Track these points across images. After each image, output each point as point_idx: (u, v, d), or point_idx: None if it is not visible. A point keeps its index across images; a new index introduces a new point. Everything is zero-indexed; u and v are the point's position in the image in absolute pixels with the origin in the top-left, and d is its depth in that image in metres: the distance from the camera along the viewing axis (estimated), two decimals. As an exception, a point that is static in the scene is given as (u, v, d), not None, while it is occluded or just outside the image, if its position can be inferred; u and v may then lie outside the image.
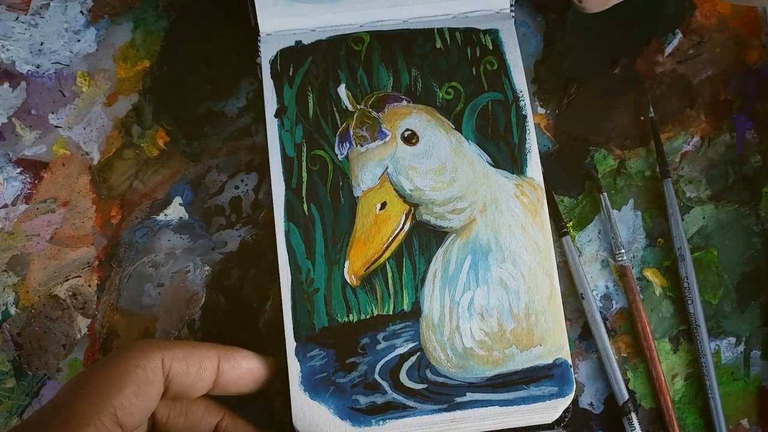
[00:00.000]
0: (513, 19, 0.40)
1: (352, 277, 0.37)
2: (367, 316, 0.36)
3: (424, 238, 0.37)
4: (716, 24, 0.42)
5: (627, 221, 0.40)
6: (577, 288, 0.39)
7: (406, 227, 0.37)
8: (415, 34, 0.40)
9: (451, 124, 0.39)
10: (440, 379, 0.36)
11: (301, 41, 0.40)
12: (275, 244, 0.37)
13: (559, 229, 0.40)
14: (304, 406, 0.35)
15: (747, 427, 0.39)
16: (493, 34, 0.40)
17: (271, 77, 0.39)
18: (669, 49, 0.42)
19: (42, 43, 0.42)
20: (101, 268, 0.40)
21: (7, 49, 0.42)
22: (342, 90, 0.39)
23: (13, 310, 0.40)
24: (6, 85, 0.42)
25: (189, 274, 0.40)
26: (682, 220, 0.40)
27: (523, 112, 0.39)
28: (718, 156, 0.41)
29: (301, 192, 0.38)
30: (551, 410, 0.35)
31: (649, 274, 0.40)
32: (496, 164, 0.38)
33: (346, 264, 0.37)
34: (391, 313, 0.36)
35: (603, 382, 0.39)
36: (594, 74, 0.42)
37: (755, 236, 0.40)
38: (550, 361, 0.36)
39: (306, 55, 0.40)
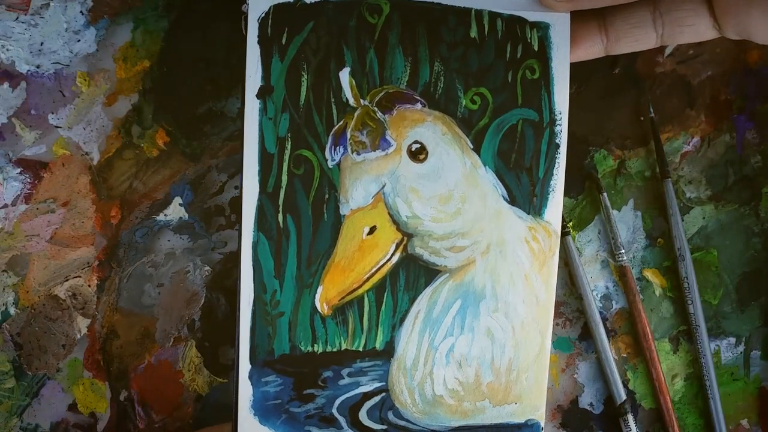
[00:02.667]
0: (569, 15, 0.32)
1: (324, 305, 0.32)
2: (334, 349, 0.32)
3: (412, 274, 0.32)
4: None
5: (627, 221, 0.40)
6: (577, 288, 0.39)
7: (395, 259, 0.32)
8: (446, 12, 0.32)
9: (469, 142, 0.32)
10: (402, 423, 0.33)
11: None
12: (239, 255, 0.32)
13: (561, 230, 0.40)
14: (251, 430, 0.32)
15: (747, 427, 0.39)
16: (543, 29, 0.32)
17: (258, 43, 0.32)
18: (669, 49, 0.42)
19: (42, 43, 0.42)
20: (101, 268, 0.40)
21: (7, 49, 0.42)
22: (345, 76, 0.32)
23: (13, 310, 0.40)
24: (6, 85, 0.42)
25: (189, 274, 0.40)
26: (682, 220, 0.40)
27: (557, 140, 0.32)
28: (718, 156, 0.41)
29: (278, 199, 0.32)
30: None
31: (649, 274, 0.40)
32: (512, 200, 0.33)
33: (319, 290, 0.32)
34: (360, 349, 0.32)
35: (603, 383, 0.39)
36: (594, 74, 0.42)
37: (755, 236, 0.40)
38: (522, 420, 0.33)
39: (306, 18, 0.31)
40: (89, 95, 0.42)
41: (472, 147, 0.33)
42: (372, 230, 0.32)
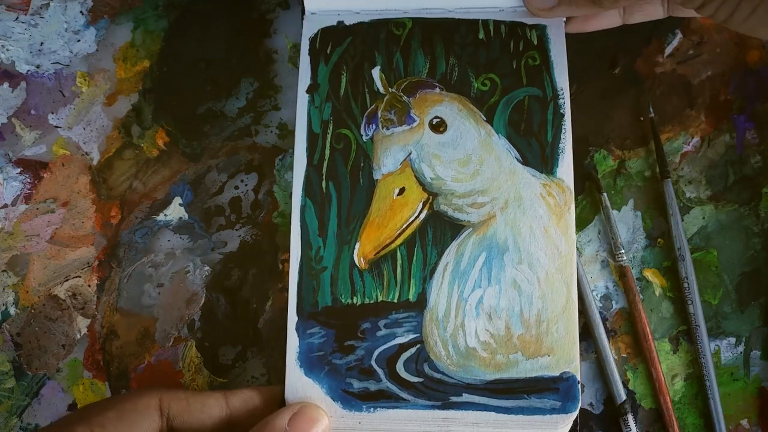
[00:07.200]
0: (563, 18, 0.39)
1: (361, 259, 0.36)
2: (371, 301, 0.36)
3: (438, 229, 0.36)
4: (716, 24, 0.42)
5: (627, 221, 0.40)
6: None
7: (422, 216, 0.37)
8: (458, 23, 0.39)
9: (482, 115, 0.38)
10: (437, 375, 0.35)
11: (343, 21, 0.39)
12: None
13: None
14: (297, 381, 0.35)
15: (747, 428, 0.39)
16: (540, 29, 0.38)
17: (309, 54, 0.39)
18: (669, 50, 0.42)
19: (42, 43, 0.42)
20: (101, 268, 0.40)
21: (7, 49, 0.42)
22: (376, 72, 0.39)
23: (13, 310, 0.40)
24: (6, 85, 0.42)
25: (189, 274, 0.40)
26: (682, 220, 0.40)
27: (561, 111, 0.37)
28: (718, 156, 0.41)
29: (322, 169, 0.37)
30: (550, 426, 0.34)
31: (649, 274, 0.40)
32: (525, 161, 0.37)
33: (357, 246, 0.36)
34: (395, 300, 0.36)
35: (603, 383, 0.39)
36: (594, 74, 0.42)
37: (755, 236, 0.40)
38: (556, 373, 0.34)
39: (346, 35, 0.39)
40: (89, 95, 0.42)
41: (485, 119, 0.38)
42: (401, 191, 0.37)
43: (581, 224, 0.40)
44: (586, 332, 0.39)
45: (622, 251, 0.39)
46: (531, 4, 0.38)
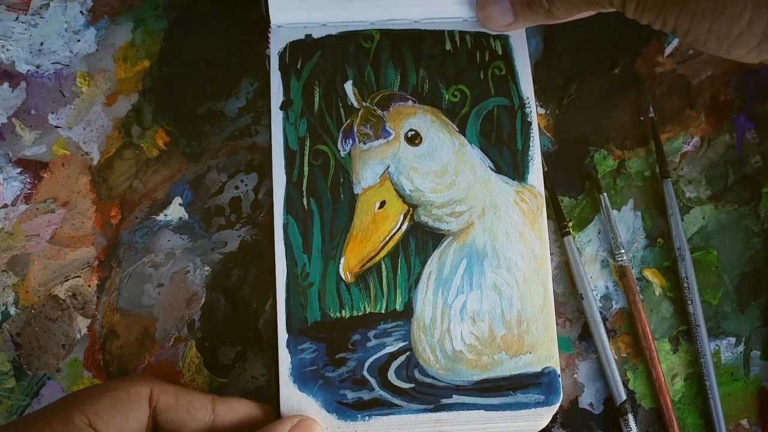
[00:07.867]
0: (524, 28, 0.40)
1: (347, 273, 0.37)
2: (360, 313, 0.37)
3: (420, 239, 0.37)
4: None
5: (627, 221, 0.40)
6: (577, 288, 0.39)
7: (404, 227, 0.38)
8: (425, 35, 0.40)
9: (455, 126, 0.39)
10: (428, 380, 0.36)
11: (311, 35, 0.40)
12: (273, 236, 0.38)
13: (561, 229, 0.40)
14: (291, 397, 0.36)
15: (747, 428, 0.39)
16: (503, 39, 0.40)
17: (279, 69, 0.39)
18: (669, 49, 0.42)
19: (42, 43, 0.42)
20: (101, 268, 0.40)
21: (7, 49, 0.42)
22: (348, 86, 0.39)
23: (13, 310, 0.40)
24: (6, 85, 0.42)
25: (189, 274, 0.40)
26: (682, 220, 0.40)
27: (529, 119, 0.39)
28: (718, 156, 0.41)
29: (302, 186, 0.38)
30: (536, 418, 0.36)
31: (648, 274, 0.40)
32: (498, 169, 0.38)
33: (342, 260, 0.37)
34: (383, 311, 0.37)
35: (603, 383, 0.39)
36: (594, 74, 0.42)
37: (755, 236, 0.40)
38: (538, 369, 0.36)
39: (315, 49, 0.40)
40: (89, 95, 0.42)
41: (458, 130, 0.39)
42: (382, 204, 0.38)
43: (581, 224, 0.40)
44: (586, 332, 0.39)
45: (622, 251, 0.39)
46: (488, 23, 0.39)
